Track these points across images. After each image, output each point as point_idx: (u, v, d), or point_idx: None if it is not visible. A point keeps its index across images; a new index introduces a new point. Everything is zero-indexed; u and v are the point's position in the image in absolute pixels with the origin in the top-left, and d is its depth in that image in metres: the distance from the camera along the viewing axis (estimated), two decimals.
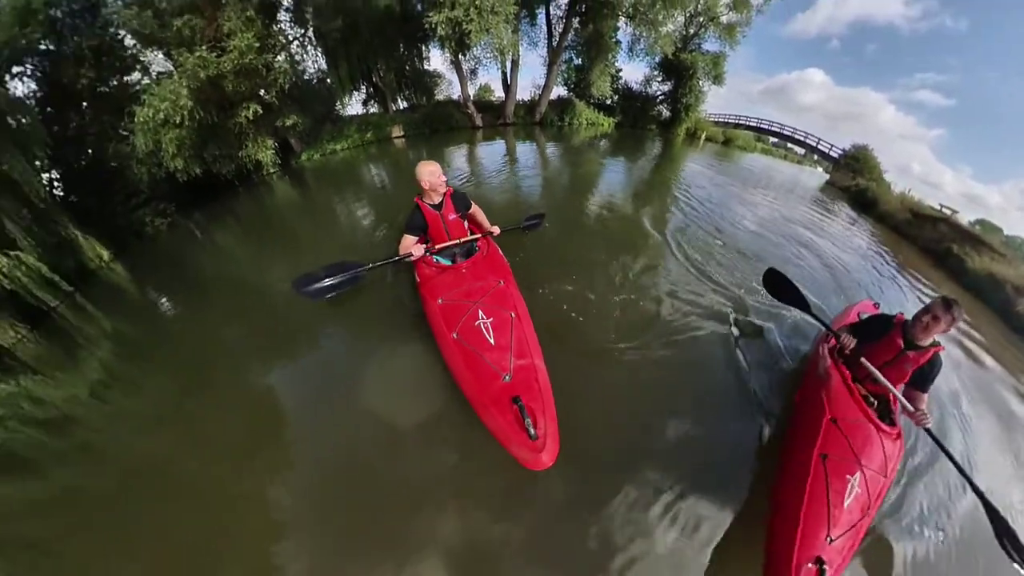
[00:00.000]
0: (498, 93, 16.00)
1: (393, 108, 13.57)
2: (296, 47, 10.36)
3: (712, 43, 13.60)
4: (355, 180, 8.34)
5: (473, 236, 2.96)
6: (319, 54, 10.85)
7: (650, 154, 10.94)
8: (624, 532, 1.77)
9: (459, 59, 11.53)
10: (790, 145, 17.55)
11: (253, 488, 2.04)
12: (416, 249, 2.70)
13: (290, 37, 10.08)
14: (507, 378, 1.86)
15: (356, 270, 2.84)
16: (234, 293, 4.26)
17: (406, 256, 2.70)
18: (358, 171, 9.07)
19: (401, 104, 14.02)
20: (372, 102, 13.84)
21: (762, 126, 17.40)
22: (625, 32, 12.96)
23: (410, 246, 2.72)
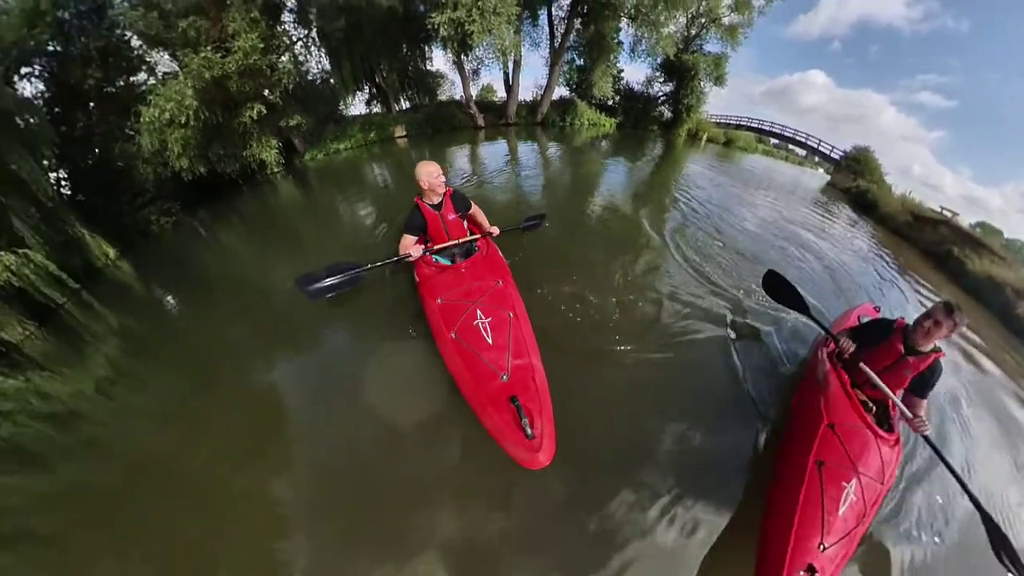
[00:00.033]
0: (500, 93, 16.05)
1: (396, 108, 13.59)
2: (300, 48, 10.43)
3: (714, 44, 13.59)
4: (358, 180, 8.36)
5: (472, 236, 2.98)
6: (323, 54, 10.91)
7: (651, 155, 10.91)
8: (620, 533, 1.78)
9: (461, 60, 11.57)
10: (791, 146, 17.51)
11: (255, 486, 2.07)
12: (415, 249, 2.71)
13: (294, 38, 10.14)
14: (504, 378, 1.86)
15: (356, 270, 2.87)
16: (238, 292, 4.30)
17: (405, 256, 2.71)
18: (361, 171, 9.10)
19: (404, 104, 14.05)
20: (375, 102, 13.89)
21: (763, 127, 17.33)
22: (627, 33, 12.96)
23: (409, 246, 2.73)
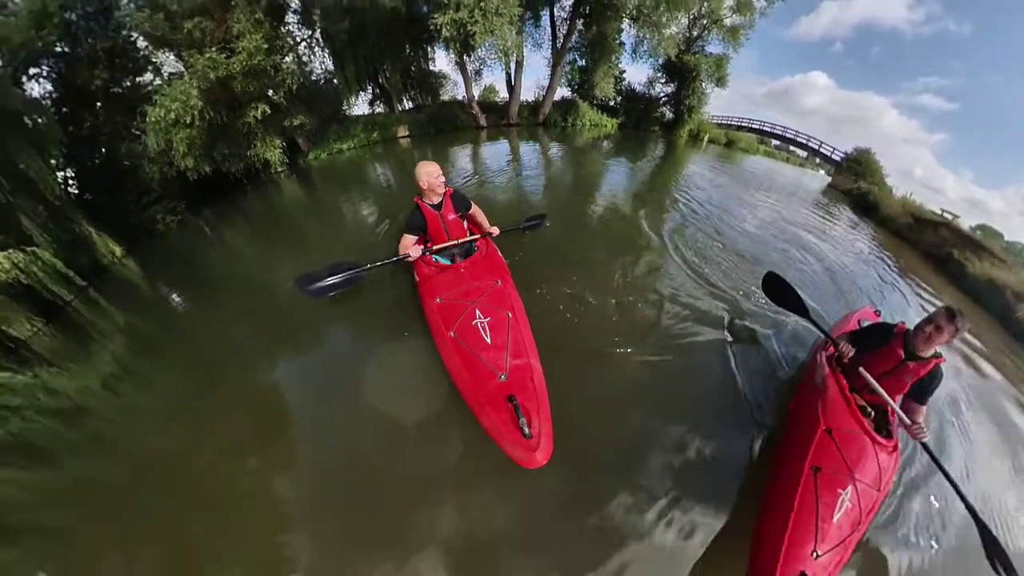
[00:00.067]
0: (502, 94, 16.14)
1: (399, 108, 13.64)
2: (304, 48, 10.48)
3: (715, 45, 13.59)
4: (361, 179, 8.40)
5: (472, 236, 3.00)
6: (326, 55, 10.95)
7: (653, 156, 10.90)
8: (616, 532, 1.79)
9: (464, 60, 11.63)
10: (792, 148, 17.46)
11: (258, 485, 2.09)
12: (415, 249, 2.72)
13: (298, 39, 10.18)
14: (503, 377, 1.87)
15: (357, 270, 2.89)
16: (242, 290, 4.33)
17: (405, 256, 2.72)
18: (364, 170, 9.14)
19: (407, 104, 14.11)
20: (378, 102, 13.96)
21: (765, 128, 17.30)
22: (629, 34, 12.99)
23: (409, 246, 2.74)
